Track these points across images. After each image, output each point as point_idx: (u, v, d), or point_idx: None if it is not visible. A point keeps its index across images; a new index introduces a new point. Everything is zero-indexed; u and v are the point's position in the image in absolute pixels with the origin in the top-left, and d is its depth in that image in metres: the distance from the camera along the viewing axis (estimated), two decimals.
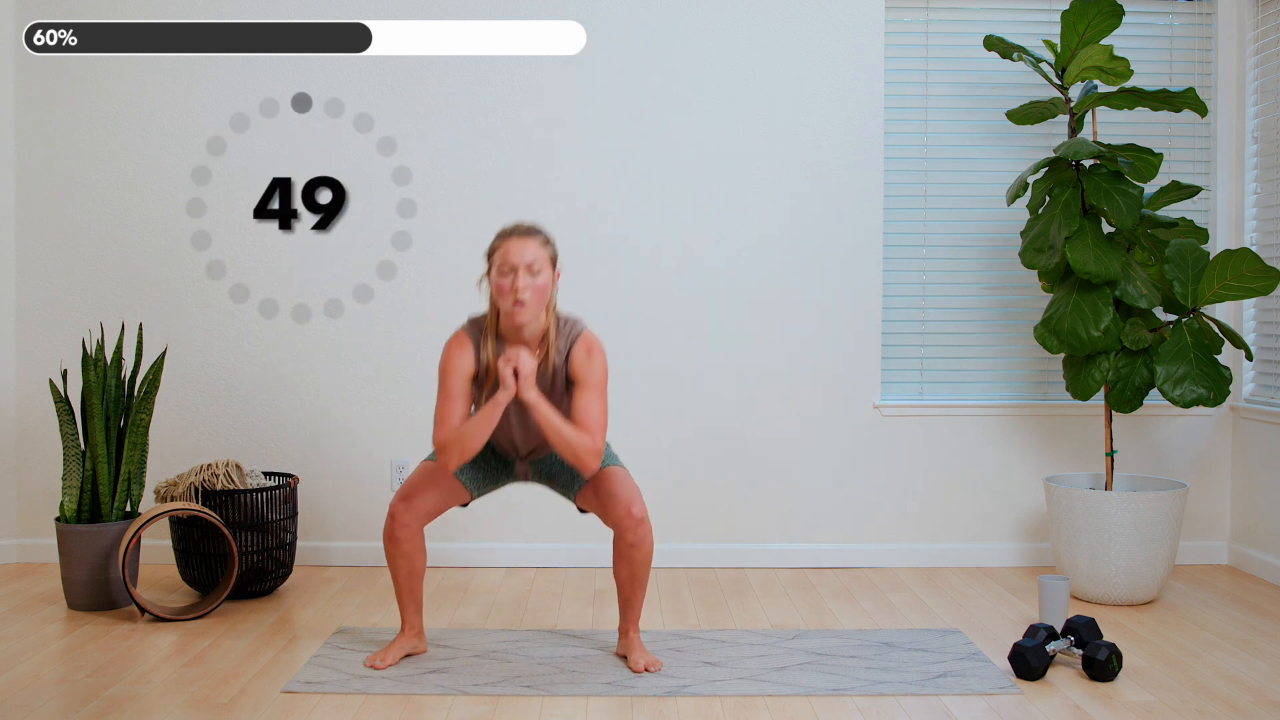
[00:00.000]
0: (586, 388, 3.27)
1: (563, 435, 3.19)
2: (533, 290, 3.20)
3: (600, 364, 3.29)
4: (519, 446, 3.46)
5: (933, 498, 4.73)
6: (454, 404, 3.26)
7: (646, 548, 3.32)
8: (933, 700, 3.14)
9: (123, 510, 4.09)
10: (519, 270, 3.19)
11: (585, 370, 3.28)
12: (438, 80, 4.63)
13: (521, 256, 3.19)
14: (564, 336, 3.32)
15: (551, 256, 3.28)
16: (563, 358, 3.31)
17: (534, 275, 3.20)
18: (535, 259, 3.21)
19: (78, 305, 4.65)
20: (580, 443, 3.20)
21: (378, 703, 3.10)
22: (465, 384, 3.29)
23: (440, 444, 3.24)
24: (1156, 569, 4.11)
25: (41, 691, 3.15)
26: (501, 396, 3.17)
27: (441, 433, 3.24)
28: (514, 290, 3.18)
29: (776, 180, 4.67)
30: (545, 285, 3.24)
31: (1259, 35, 4.63)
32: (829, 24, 4.66)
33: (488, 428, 3.21)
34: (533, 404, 3.17)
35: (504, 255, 3.22)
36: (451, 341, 3.32)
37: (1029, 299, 4.76)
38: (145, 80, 4.63)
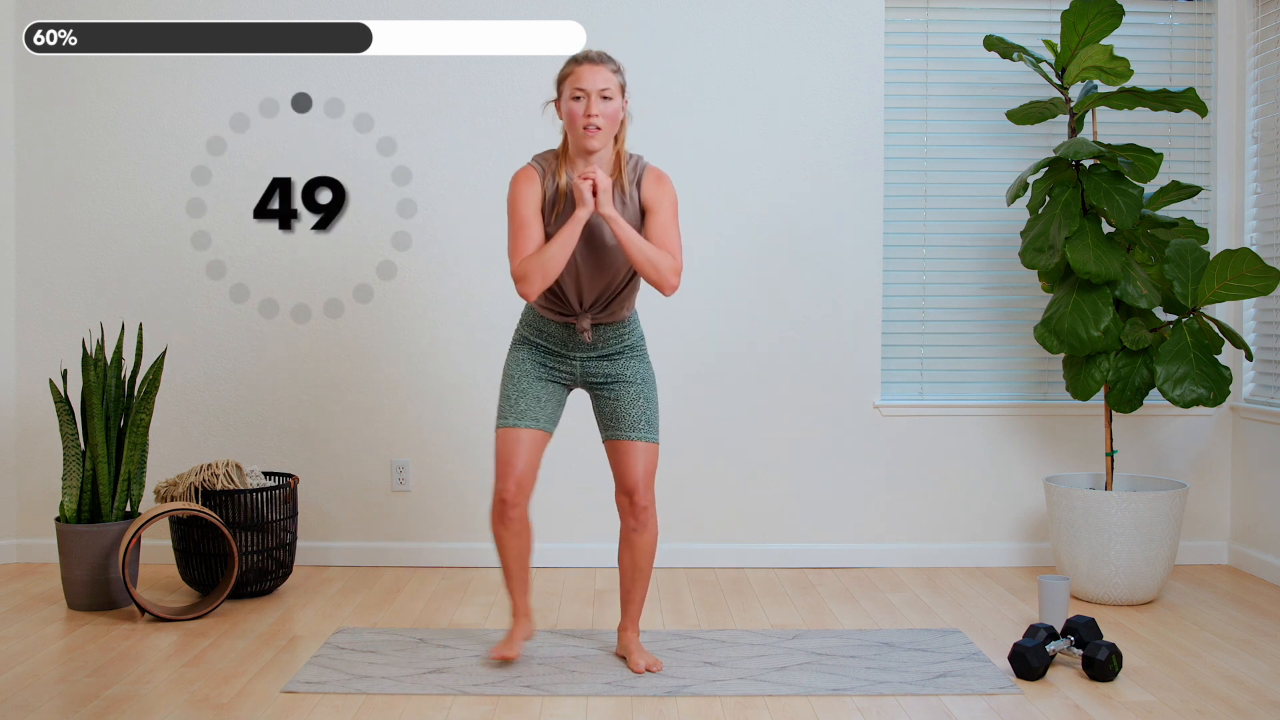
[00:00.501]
0: (660, 212, 3.25)
1: (643, 250, 3.16)
2: (605, 116, 3.18)
3: (671, 191, 3.29)
4: (584, 293, 3.31)
5: (933, 498, 4.73)
6: (528, 232, 3.21)
7: (649, 535, 3.33)
8: (933, 700, 3.14)
9: (123, 510, 4.10)
10: (592, 96, 3.17)
11: (658, 196, 3.27)
12: (438, 80, 4.63)
13: (594, 82, 3.17)
14: (631, 167, 3.31)
15: (622, 84, 3.24)
16: (633, 186, 3.29)
17: (606, 100, 3.18)
18: (607, 85, 3.19)
19: (78, 305, 4.65)
20: (661, 258, 3.17)
21: (378, 703, 3.10)
22: (536, 212, 3.24)
23: (521, 272, 3.17)
24: (1156, 569, 4.11)
25: (41, 691, 3.15)
26: (580, 213, 3.14)
27: (519, 261, 3.18)
28: (588, 115, 3.17)
29: (776, 180, 4.67)
30: (616, 112, 3.21)
31: (1259, 35, 4.63)
32: (829, 24, 4.66)
33: (569, 245, 3.14)
34: (611, 218, 3.14)
35: (576, 80, 3.19)
36: (518, 174, 3.28)
37: (1029, 299, 4.76)
38: (145, 80, 4.63)
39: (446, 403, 4.66)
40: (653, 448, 3.35)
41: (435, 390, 4.66)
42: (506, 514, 3.30)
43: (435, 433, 4.67)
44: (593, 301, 3.33)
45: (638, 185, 3.29)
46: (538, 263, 3.16)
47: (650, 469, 3.33)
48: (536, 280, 3.16)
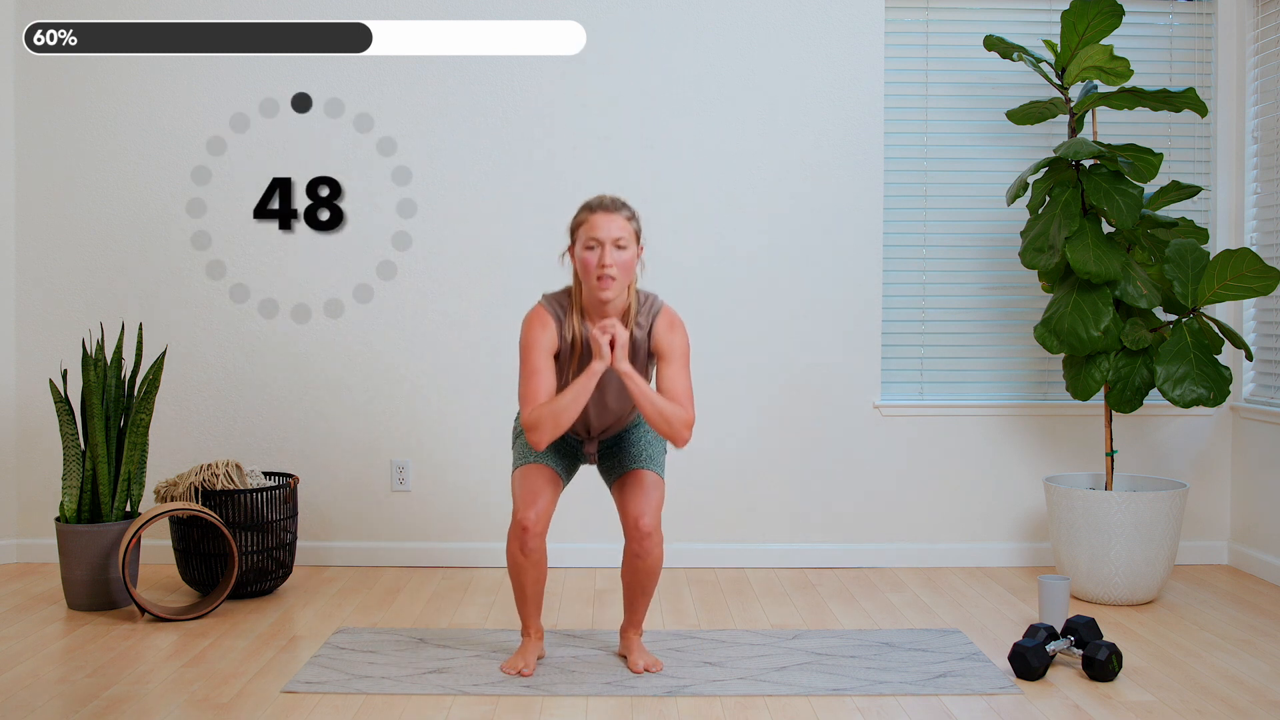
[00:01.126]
0: (671, 360, 3.24)
1: (656, 406, 3.15)
2: (619, 265, 3.17)
3: (683, 337, 3.28)
4: (592, 427, 3.40)
5: (933, 498, 4.73)
6: (540, 379, 3.20)
7: (653, 560, 3.27)
8: (933, 700, 3.14)
9: (123, 510, 4.10)
10: (605, 245, 3.16)
11: (669, 344, 3.25)
12: (438, 80, 4.63)
13: (608, 232, 3.17)
14: (645, 311, 3.29)
15: (636, 231, 3.24)
16: (644, 331, 3.28)
17: (620, 250, 3.18)
18: (622, 234, 3.18)
19: (78, 305, 4.65)
20: (674, 413, 3.16)
21: (378, 703, 3.10)
22: (549, 359, 3.24)
23: (532, 421, 3.15)
24: (1156, 569, 4.11)
25: (41, 691, 3.15)
26: (596, 366, 3.13)
27: (530, 409, 3.17)
28: (600, 266, 3.15)
29: (776, 180, 4.67)
30: (631, 260, 3.20)
31: (1259, 35, 4.63)
32: (829, 24, 4.66)
33: (582, 399, 3.14)
34: (626, 374, 3.14)
35: (589, 230, 3.19)
36: (532, 317, 3.28)
37: (1029, 299, 4.76)
38: (145, 80, 4.63)
39: (446, 403, 4.66)
40: (658, 479, 3.34)
41: (435, 391, 4.66)
42: (527, 543, 3.23)
43: (435, 433, 4.67)
44: (600, 432, 3.40)
45: (650, 330, 3.28)
46: (549, 414, 3.14)
47: (656, 501, 3.29)
48: (547, 431, 3.15)
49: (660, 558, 3.30)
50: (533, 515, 3.23)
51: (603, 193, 3.35)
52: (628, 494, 3.30)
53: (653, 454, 3.39)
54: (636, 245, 3.23)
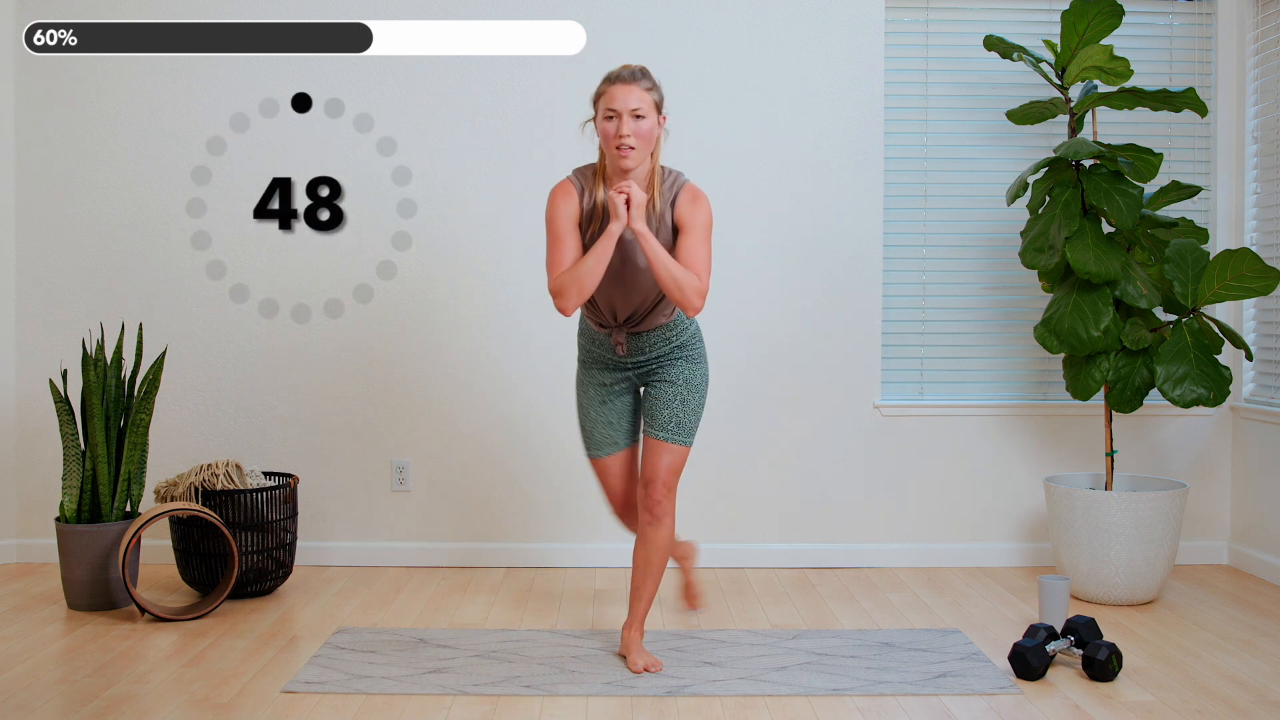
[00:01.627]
0: (692, 231, 3.26)
1: (669, 269, 3.17)
2: (637, 135, 3.20)
3: (705, 211, 3.29)
4: (617, 310, 3.38)
5: (933, 498, 4.73)
6: (565, 246, 3.26)
7: (663, 532, 3.35)
8: (933, 700, 3.14)
9: (123, 510, 4.10)
10: (623, 116, 3.19)
11: (691, 215, 3.27)
12: (438, 80, 4.63)
13: (626, 102, 3.20)
14: (668, 183, 3.32)
15: (656, 101, 3.26)
16: (666, 204, 3.30)
17: (639, 119, 3.20)
18: (640, 104, 3.21)
19: (78, 305, 4.65)
20: (686, 279, 3.18)
21: (378, 703, 3.10)
22: (573, 226, 3.29)
23: (556, 287, 3.22)
24: (1156, 569, 4.11)
25: (41, 691, 3.15)
26: (614, 227, 3.18)
27: (555, 276, 3.23)
28: (619, 135, 3.19)
29: (776, 180, 4.67)
30: (650, 130, 3.23)
31: (1259, 35, 4.63)
32: (829, 24, 4.66)
33: (603, 260, 3.18)
34: (641, 234, 3.17)
35: (608, 100, 3.22)
36: (556, 189, 3.33)
37: (1029, 299, 4.76)
38: (145, 80, 4.63)
39: (446, 403, 4.67)
40: (677, 449, 3.37)
41: (435, 390, 4.66)
42: (625, 523, 3.65)
43: (435, 433, 4.67)
44: (627, 317, 3.39)
45: (673, 203, 3.30)
46: (572, 278, 3.20)
47: (671, 467, 3.35)
48: (572, 295, 3.21)
49: (671, 530, 3.38)
50: (619, 506, 3.59)
51: (628, 61, 3.41)
52: (653, 455, 3.38)
53: (680, 420, 3.38)
54: (657, 115, 3.26)
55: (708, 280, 3.24)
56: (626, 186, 3.18)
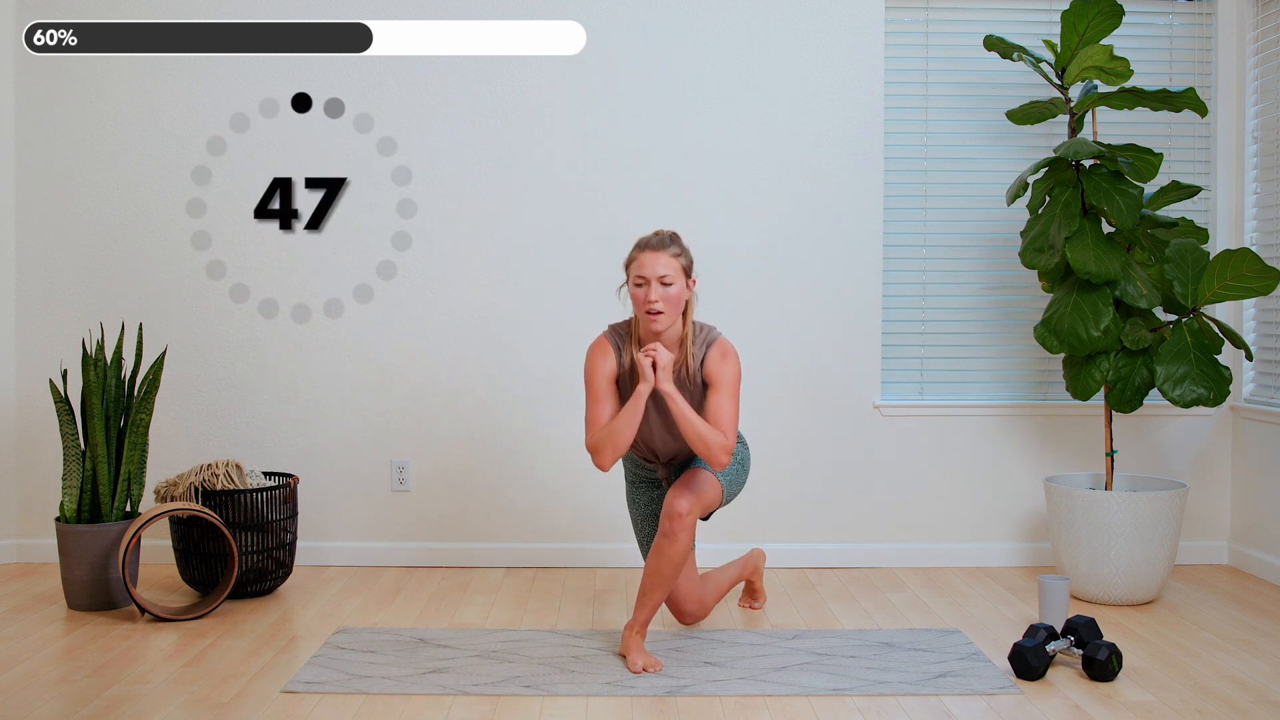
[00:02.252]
0: (720, 388, 3.42)
1: (695, 428, 3.33)
2: (665, 300, 3.37)
3: (734, 367, 3.45)
4: (659, 453, 3.59)
5: (933, 498, 4.73)
6: (602, 405, 3.44)
7: (680, 547, 3.39)
8: (933, 700, 3.14)
9: (123, 510, 4.09)
10: (652, 282, 3.37)
11: (719, 372, 3.44)
12: (438, 80, 4.63)
13: (654, 269, 3.37)
14: (700, 342, 3.48)
15: (685, 266, 3.44)
16: (698, 362, 3.45)
17: (666, 286, 3.36)
18: (667, 270, 3.38)
19: (78, 305, 4.65)
20: (712, 437, 3.34)
21: (378, 703, 3.10)
22: (610, 386, 3.47)
23: (593, 445, 3.39)
24: (1156, 569, 4.11)
25: (41, 691, 3.15)
26: (642, 388, 3.35)
27: (593, 434, 3.41)
28: (649, 301, 3.36)
29: (776, 180, 4.67)
30: (679, 294, 3.40)
31: (1259, 35, 4.63)
32: (829, 24, 4.66)
33: (634, 420, 3.35)
34: (669, 394, 3.33)
35: (638, 268, 3.41)
36: (594, 347, 3.51)
37: (1029, 299, 4.76)
38: (145, 80, 4.63)
39: (446, 403, 4.67)
40: (712, 479, 3.50)
41: (435, 390, 4.66)
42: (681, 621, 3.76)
43: (435, 433, 4.67)
44: (670, 458, 3.60)
45: (703, 360, 3.45)
46: (606, 435, 3.39)
47: (699, 490, 3.44)
48: (607, 453, 3.39)
49: (688, 547, 3.41)
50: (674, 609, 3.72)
51: (660, 228, 3.60)
52: (684, 480, 3.47)
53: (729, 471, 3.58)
54: (686, 279, 3.44)
55: (734, 436, 3.40)
56: (653, 349, 3.34)
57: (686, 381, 3.46)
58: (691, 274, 3.46)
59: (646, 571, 3.44)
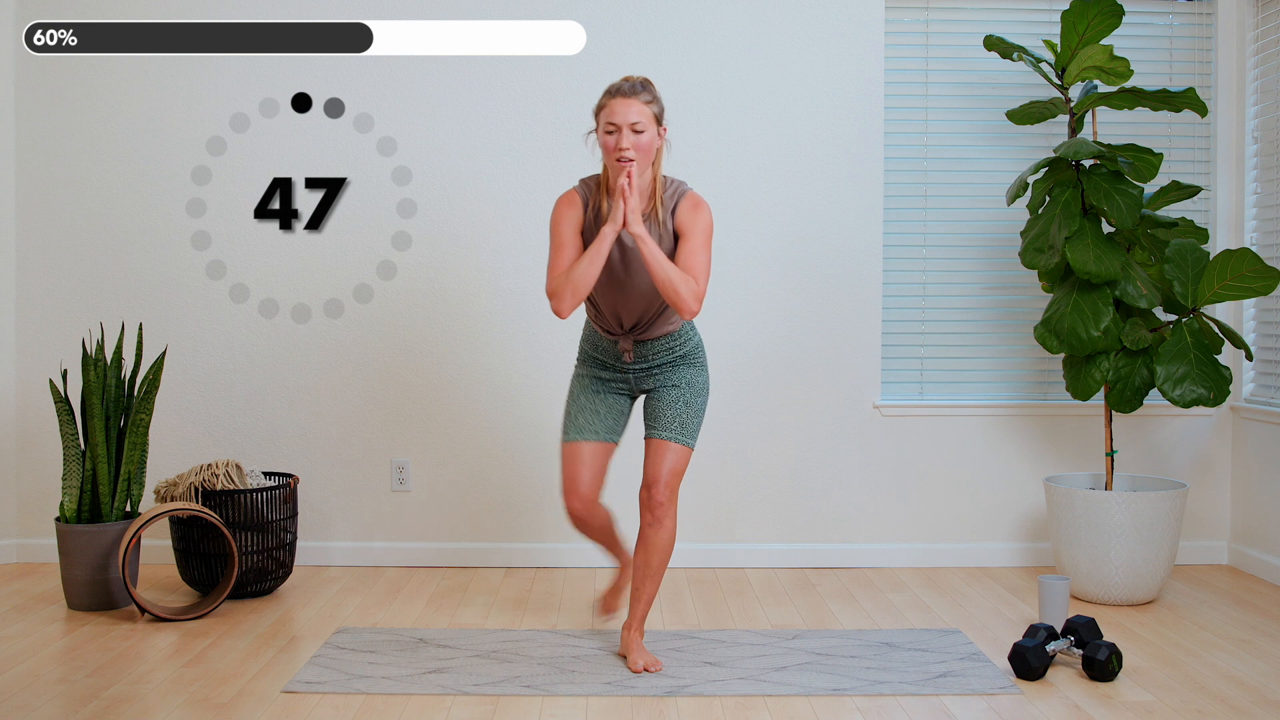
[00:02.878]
0: (691, 238, 3.32)
1: (666, 271, 3.22)
2: (637, 148, 3.25)
3: (706, 217, 3.35)
4: (623, 317, 3.43)
5: (933, 498, 4.73)
6: (564, 252, 3.33)
7: (665, 533, 3.37)
8: (933, 700, 3.14)
9: (123, 510, 4.10)
10: (623, 129, 3.25)
11: (691, 222, 3.33)
12: (438, 80, 4.64)
13: (625, 116, 3.25)
14: (670, 192, 3.38)
15: (656, 114, 3.31)
16: (668, 212, 3.36)
17: (638, 133, 3.25)
18: (639, 118, 3.25)
19: (78, 305, 4.65)
20: (683, 281, 3.23)
21: (378, 703, 3.10)
22: (575, 234, 3.36)
23: (552, 289, 3.29)
24: (1156, 569, 4.11)
25: (41, 691, 3.15)
26: (607, 230, 3.24)
27: (553, 279, 3.30)
28: (618, 149, 3.25)
29: (776, 180, 4.67)
30: (650, 142, 3.28)
31: (1259, 35, 4.63)
32: (829, 24, 4.66)
33: (596, 263, 3.24)
34: (639, 236, 3.22)
35: (608, 114, 3.28)
36: (561, 198, 3.40)
37: (1029, 299, 4.76)
38: (145, 80, 4.63)
39: (447, 402, 4.67)
40: (681, 449, 3.40)
41: (435, 390, 4.66)
42: (576, 520, 3.51)
43: (435, 433, 4.67)
44: (633, 325, 3.44)
45: (674, 210, 3.36)
46: (566, 279, 3.27)
47: (674, 469, 3.38)
48: (566, 297, 3.27)
49: (673, 533, 3.39)
50: (577, 505, 3.46)
51: (630, 73, 3.46)
52: (656, 456, 3.40)
53: (685, 421, 3.42)
54: (657, 127, 3.31)
55: (705, 285, 3.29)
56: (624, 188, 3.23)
57: (657, 232, 3.34)
58: (663, 122, 3.33)
59: (635, 565, 3.43)
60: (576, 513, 3.47)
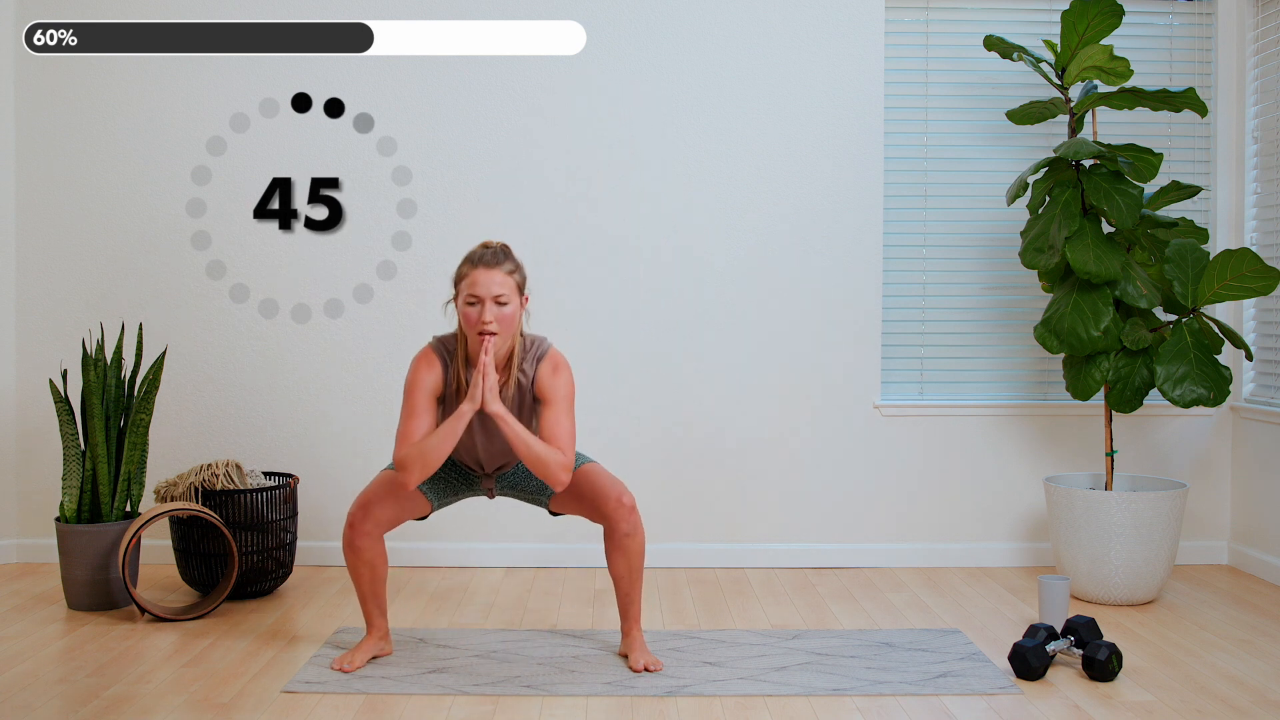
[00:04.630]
0: (554, 404, 3.27)
1: (531, 449, 3.17)
2: (499, 319, 3.20)
3: (566, 380, 3.30)
4: (484, 464, 3.46)
5: (933, 498, 4.73)
6: (418, 420, 3.24)
7: (641, 536, 3.35)
8: (933, 700, 3.14)
9: (123, 510, 4.10)
10: (486, 301, 3.19)
11: (551, 387, 3.28)
12: (438, 80, 4.64)
13: (488, 289, 3.19)
14: (530, 356, 3.33)
15: (519, 283, 3.27)
16: (528, 378, 3.31)
17: (501, 305, 3.21)
18: (502, 290, 3.20)
19: (78, 305, 4.65)
20: (550, 457, 3.18)
21: (377, 703, 3.10)
22: (430, 401, 3.28)
23: (400, 460, 3.19)
24: (1156, 569, 4.11)
25: (41, 691, 3.15)
26: (465, 407, 3.17)
27: (403, 449, 3.20)
28: (481, 322, 3.19)
29: (776, 180, 4.67)
30: (513, 314, 3.24)
31: (1259, 35, 4.63)
32: (829, 24, 4.66)
33: (450, 441, 3.18)
34: (499, 415, 3.16)
35: (470, 285, 3.22)
36: (419, 358, 3.31)
37: (1029, 299, 4.76)
38: (145, 80, 4.63)
39: None
40: (595, 465, 3.41)
41: None
42: (355, 541, 3.31)
43: None
44: (495, 468, 3.47)
45: (534, 375, 3.30)
46: (418, 453, 3.18)
47: (614, 478, 3.37)
48: (415, 471, 3.18)
49: (643, 535, 3.37)
50: (362, 514, 3.30)
51: (488, 239, 3.42)
52: (592, 488, 3.34)
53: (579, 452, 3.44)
54: (519, 297, 3.27)
55: (572, 454, 3.22)
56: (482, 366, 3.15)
57: (519, 399, 3.31)
58: (524, 290, 3.29)
59: (618, 575, 3.38)
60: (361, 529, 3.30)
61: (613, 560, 3.38)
